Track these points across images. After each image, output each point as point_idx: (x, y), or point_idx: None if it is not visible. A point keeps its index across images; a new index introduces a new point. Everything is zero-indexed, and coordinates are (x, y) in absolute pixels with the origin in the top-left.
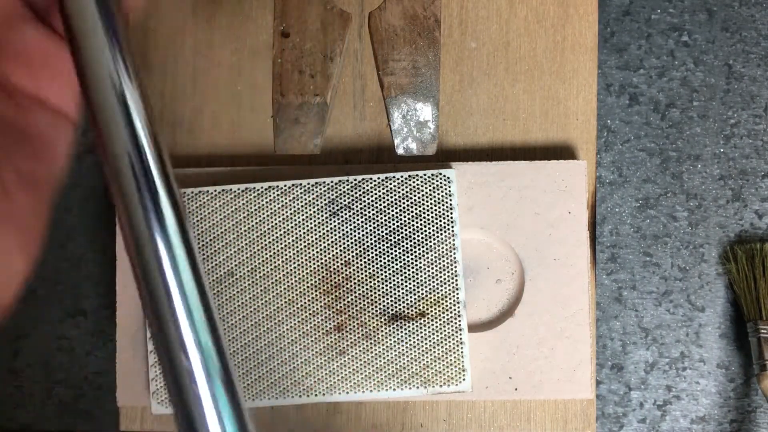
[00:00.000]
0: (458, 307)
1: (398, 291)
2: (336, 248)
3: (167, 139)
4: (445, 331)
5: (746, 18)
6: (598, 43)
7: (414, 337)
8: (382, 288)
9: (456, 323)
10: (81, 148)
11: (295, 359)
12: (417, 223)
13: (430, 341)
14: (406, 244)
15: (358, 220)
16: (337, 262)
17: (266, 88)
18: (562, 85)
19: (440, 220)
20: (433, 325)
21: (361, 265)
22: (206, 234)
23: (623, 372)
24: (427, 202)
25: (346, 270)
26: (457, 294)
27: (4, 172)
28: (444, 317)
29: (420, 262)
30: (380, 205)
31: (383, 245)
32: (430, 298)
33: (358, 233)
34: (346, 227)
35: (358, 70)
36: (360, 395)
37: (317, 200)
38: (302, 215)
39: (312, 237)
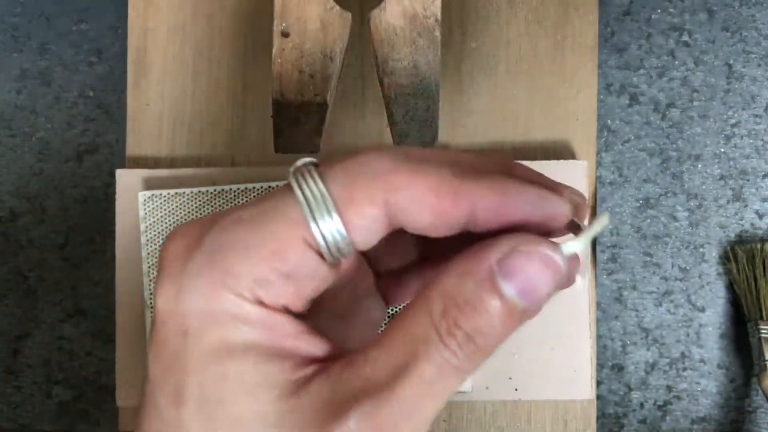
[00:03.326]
0: None
1: None
2: None
3: (167, 139)
4: None
5: (747, 18)
6: (599, 42)
7: None
8: None
9: None
10: (81, 148)
11: None
12: None
13: None
14: None
15: None
16: None
17: (266, 88)
18: (562, 85)
19: None
20: None
21: None
22: None
23: (623, 372)
24: None
25: None
26: None
27: None
28: None
29: None
30: None
31: None
32: None
33: None
34: None
35: (358, 70)
36: None
37: None
38: None
39: None
